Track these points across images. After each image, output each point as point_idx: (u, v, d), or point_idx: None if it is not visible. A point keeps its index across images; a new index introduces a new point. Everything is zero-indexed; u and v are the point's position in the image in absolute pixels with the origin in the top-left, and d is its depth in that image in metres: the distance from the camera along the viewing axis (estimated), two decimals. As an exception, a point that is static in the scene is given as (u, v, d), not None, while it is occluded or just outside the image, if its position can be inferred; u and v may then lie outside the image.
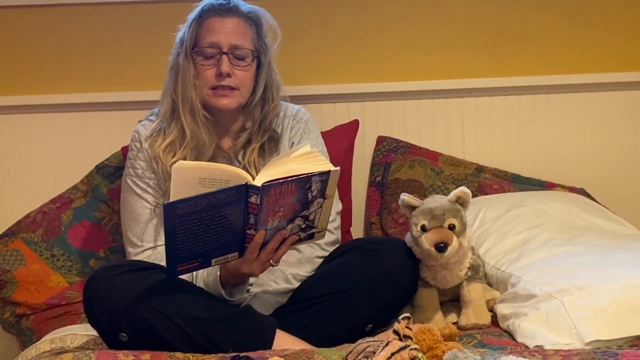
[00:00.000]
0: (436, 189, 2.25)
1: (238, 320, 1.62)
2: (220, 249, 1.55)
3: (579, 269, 1.69)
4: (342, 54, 2.40)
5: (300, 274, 1.78)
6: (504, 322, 1.69)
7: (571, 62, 2.43)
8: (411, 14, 2.41)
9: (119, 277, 1.59)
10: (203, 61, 1.80)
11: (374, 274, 1.70)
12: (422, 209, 1.74)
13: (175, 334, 1.58)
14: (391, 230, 2.22)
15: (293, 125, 1.90)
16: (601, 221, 2.04)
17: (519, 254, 1.84)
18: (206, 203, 1.46)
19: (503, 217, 2.03)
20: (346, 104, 2.39)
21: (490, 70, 2.42)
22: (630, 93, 2.42)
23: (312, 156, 1.57)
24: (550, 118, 2.42)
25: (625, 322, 1.55)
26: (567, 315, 1.57)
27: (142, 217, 1.81)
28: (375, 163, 2.36)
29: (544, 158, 2.42)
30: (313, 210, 1.57)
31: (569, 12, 2.42)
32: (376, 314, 1.72)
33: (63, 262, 2.11)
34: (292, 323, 1.69)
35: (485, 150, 2.41)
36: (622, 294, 1.58)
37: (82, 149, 2.34)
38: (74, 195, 2.20)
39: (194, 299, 1.62)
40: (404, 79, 2.41)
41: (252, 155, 1.83)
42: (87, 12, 2.35)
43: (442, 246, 1.69)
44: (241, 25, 1.81)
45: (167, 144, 1.81)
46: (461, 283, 1.78)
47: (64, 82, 2.37)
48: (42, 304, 2.06)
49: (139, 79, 2.35)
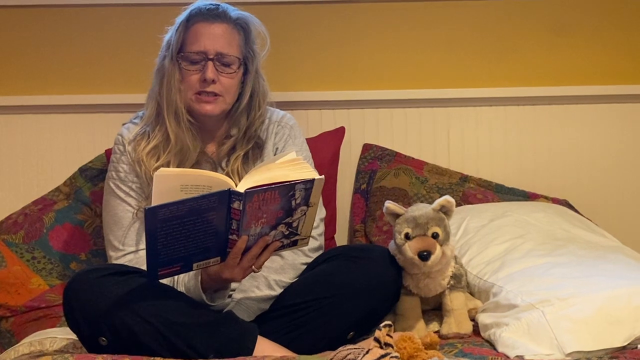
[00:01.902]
0: (421, 197, 2.26)
1: (219, 326, 1.61)
2: (202, 254, 1.54)
3: (560, 279, 1.70)
4: (329, 61, 2.41)
5: (283, 280, 1.77)
6: (485, 332, 1.70)
7: (556, 74, 2.45)
8: (399, 23, 2.42)
9: (99, 281, 1.58)
10: (188, 66, 1.79)
11: (357, 282, 1.70)
12: (406, 217, 1.74)
13: (155, 339, 1.57)
14: (375, 238, 2.22)
15: (278, 130, 1.90)
16: (583, 232, 2.05)
17: (501, 263, 1.84)
18: (188, 208, 1.46)
19: (486, 227, 2.04)
20: (332, 111, 2.40)
21: (476, 81, 2.43)
22: (614, 106, 2.45)
23: (297, 163, 1.57)
24: (534, 129, 2.44)
25: (606, 333, 1.56)
26: (548, 326, 1.57)
27: (124, 220, 1.80)
28: (360, 170, 2.37)
29: (528, 169, 2.44)
30: (297, 218, 1.56)
31: (555, 25, 2.44)
32: (358, 321, 1.72)
33: (44, 264, 2.10)
34: (274, 329, 1.68)
35: (470, 160, 2.43)
36: (603, 305, 1.59)
37: (66, 151, 2.33)
38: (57, 197, 2.19)
39: (175, 304, 1.61)
40: (391, 87, 2.42)
41: (235, 163, 1.83)
42: (71, 14, 2.35)
43: (425, 254, 1.70)
44: (229, 31, 1.81)
45: (151, 147, 1.80)
46: (443, 292, 1.78)
47: (48, 83, 2.36)
48: (21, 307, 2.04)
49: (124, 81, 2.34)
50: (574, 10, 2.43)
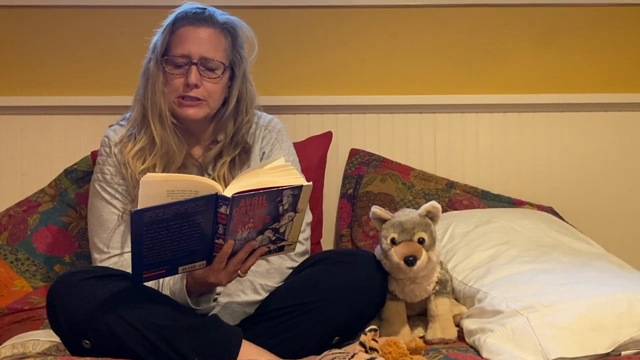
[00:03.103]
0: (407, 203, 2.27)
1: (203, 330, 1.61)
2: (188, 257, 1.54)
3: (545, 286, 1.71)
4: (317, 66, 2.41)
5: (269, 284, 1.77)
6: (470, 338, 1.70)
7: (542, 82, 2.46)
8: (387, 29, 2.42)
9: (83, 283, 1.57)
10: (172, 70, 1.78)
11: (342, 286, 1.70)
12: (393, 222, 1.75)
13: (139, 342, 1.56)
14: (361, 242, 2.22)
15: (265, 135, 1.89)
16: (568, 239, 2.06)
17: (487, 269, 1.85)
18: (175, 212, 1.45)
19: (472, 233, 2.05)
20: (320, 116, 2.40)
21: (463, 87, 2.45)
22: (601, 114, 2.46)
23: (285, 169, 1.56)
24: (520, 136, 2.45)
25: (590, 340, 1.56)
26: (533, 332, 1.57)
27: (109, 223, 1.79)
28: (347, 175, 2.37)
29: (513, 176, 2.45)
30: (284, 224, 1.56)
31: (542, 32, 2.45)
32: (344, 326, 1.71)
33: (27, 266, 2.08)
34: (259, 334, 1.68)
35: (456, 166, 2.43)
36: (587, 311, 1.60)
37: (51, 153, 2.32)
38: (41, 199, 2.17)
39: (159, 307, 1.60)
40: (379, 93, 2.43)
41: (222, 169, 1.82)
42: (58, 15, 2.34)
43: (411, 260, 1.70)
44: (215, 36, 1.79)
45: (137, 150, 1.79)
46: (429, 297, 1.79)
47: (34, 84, 2.34)
48: (4, 309, 2.02)
49: (111, 83, 2.33)
50: (563, 17, 2.45)
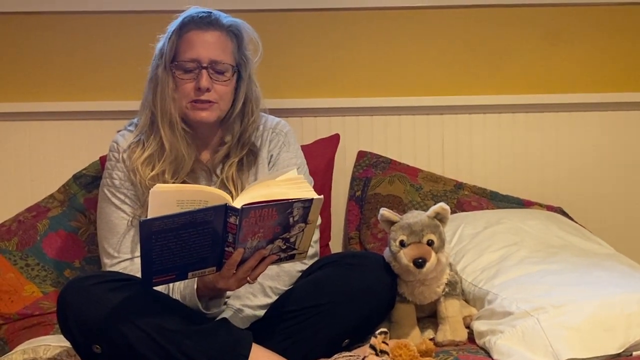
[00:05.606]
0: (415, 204, 2.26)
1: (213, 334, 1.61)
2: (198, 264, 1.54)
3: (555, 287, 1.70)
4: (324, 69, 2.41)
5: (278, 287, 1.77)
6: (481, 339, 1.70)
7: (550, 82, 2.45)
8: (394, 31, 2.42)
9: (93, 288, 1.58)
10: (182, 75, 1.79)
11: (351, 289, 1.69)
12: (401, 224, 1.74)
13: (149, 347, 1.56)
14: (370, 245, 2.22)
15: (272, 137, 1.90)
16: (578, 240, 2.05)
17: (496, 271, 1.84)
18: (184, 221, 1.45)
19: (481, 234, 2.04)
20: (327, 118, 2.40)
21: (470, 88, 2.44)
22: (608, 114, 2.45)
23: (296, 182, 1.56)
24: (529, 136, 2.44)
25: (600, 340, 1.56)
26: (543, 333, 1.57)
27: (119, 228, 1.79)
28: (355, 178, 2.37)
29: (522, 176, 2.44)
30: (294, 234, 1.55)
31: (548, 32, 2.45)
32: (353, 328, 1.71)
33: (38, 271, 2.09)
34: (268, 337, 1.68)
35: (464, 167, 2.43)
36: (598, 312, 1.59)
37: (60, 158, 2.32)
38: (51, 204, 2.18)
39: (170, 312, 1.60)
40: (386, 95, 2.42)
41: (230, 170, 1.82)
42: (66, 20, 2.34)
43: (421, 262, 1.70)
44: (222, 39, 1.80)
45: (146, 156, 1.80)
46: (438, 299, 1.78)
47: (42, 90, 2.35)
48: (15, 314, 2.03)
49: (118, 88, 2.34)
50: (567, 18, 2.44)
